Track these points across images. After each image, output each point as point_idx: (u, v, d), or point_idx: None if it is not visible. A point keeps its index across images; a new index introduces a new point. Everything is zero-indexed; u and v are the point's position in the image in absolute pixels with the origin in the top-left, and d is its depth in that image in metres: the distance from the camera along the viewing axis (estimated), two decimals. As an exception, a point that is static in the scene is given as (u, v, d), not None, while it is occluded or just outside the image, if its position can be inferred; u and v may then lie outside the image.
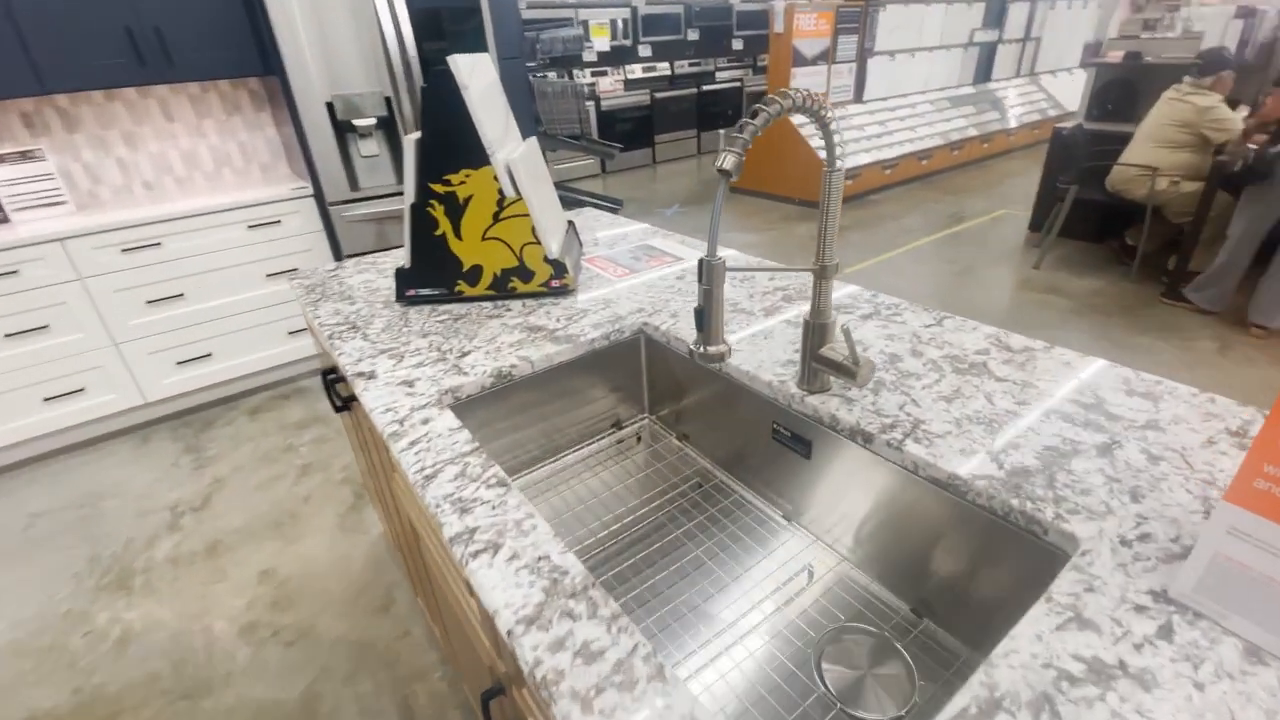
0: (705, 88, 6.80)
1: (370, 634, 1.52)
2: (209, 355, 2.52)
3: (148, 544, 1.87)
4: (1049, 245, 3.61)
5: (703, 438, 1.09)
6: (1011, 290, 3.32)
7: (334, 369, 1.16)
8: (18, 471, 2.25)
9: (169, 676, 1.45)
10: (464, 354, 0.99)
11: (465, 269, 1.13)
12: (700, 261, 0.61)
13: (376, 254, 1.51)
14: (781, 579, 0.86)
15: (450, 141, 1.04)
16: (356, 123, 2.43)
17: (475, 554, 0.60)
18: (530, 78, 3.47)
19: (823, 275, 0.75)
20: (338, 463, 2.15)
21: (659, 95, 6.44)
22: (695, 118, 6.86)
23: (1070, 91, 7.10)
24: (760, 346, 0.97)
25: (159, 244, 2.31)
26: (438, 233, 1.10)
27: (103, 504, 2.06)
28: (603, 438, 1.15)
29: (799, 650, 0.76)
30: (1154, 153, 3.07)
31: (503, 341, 1.02)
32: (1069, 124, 3.71)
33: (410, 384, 0.91)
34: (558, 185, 2.06)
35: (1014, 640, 0.49)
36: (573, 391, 1.07)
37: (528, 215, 1.09)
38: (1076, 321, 2.93)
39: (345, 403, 1.19)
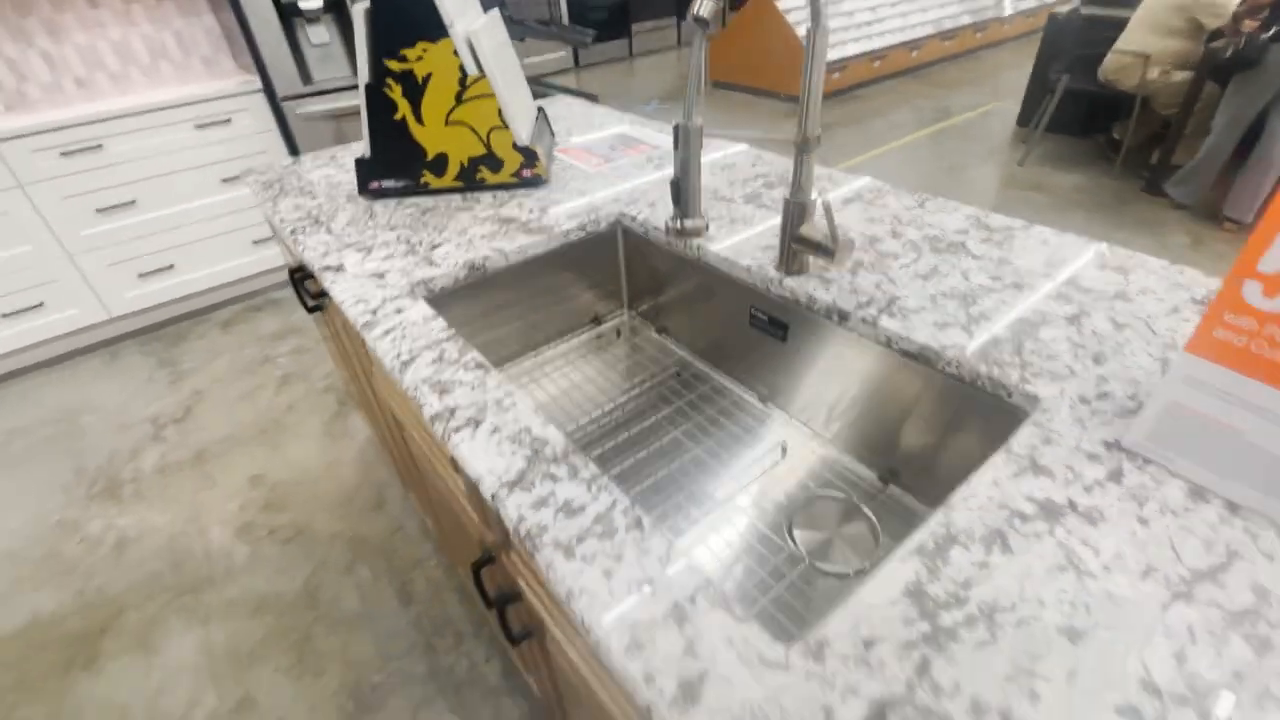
0: (684, -29, 6.30)
1: (364, 530, 1.57)
2: (171, 267, 2.43)
3: (132, 455, 1.88)
4: (1035, 141, 3.53)
5: (682, 330, 1.09)
6: (995, 187, 3.28)
7: (300, 267, 1.12)
8: (-13, 389, 2.21)
9: (169, 574, 1.51)
10: (434, 246, 0.96)
11: (430, 158, 1.08)
12: (675, 127, 0.58)
13: (334, 148, 1.43)
14: (757, 456, 0.89)
15: (404, 11, 0.96)
16: (302, 5, 2.22)
17: (456, 429, 0.61)
18: (492, -44, 3.16)
19: (804, 149, 0.72)
20: (318, 372, 2.14)
21: (634, -21, 5.97)
22: (675, 3, 6.39)
23: (1069, -26, 6.69)
24: (739, 232, 0.95)
25: (100, 146, 2.15)
26: (397, 117, 1.03)
27: (79, 419, 2.04)
28: (582, 333, 1.15)
29: (773, 518, 0.80)
30: (1147, 39, 2.95)
31: (474, 234, 0.99)
32: (1065, 8, 3.53)
33: (381, 276, 0.89)
34: (529, 81, 1.92)
35: (971, 486, 0.51)
36: (549, 287, 1.05)
37: (493, 96, 1.03)
38: (1054, 218, 2.92)
39: (316, 302, 1.16)
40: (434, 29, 0.97)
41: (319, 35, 2.32)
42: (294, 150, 2.46)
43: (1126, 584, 0.44)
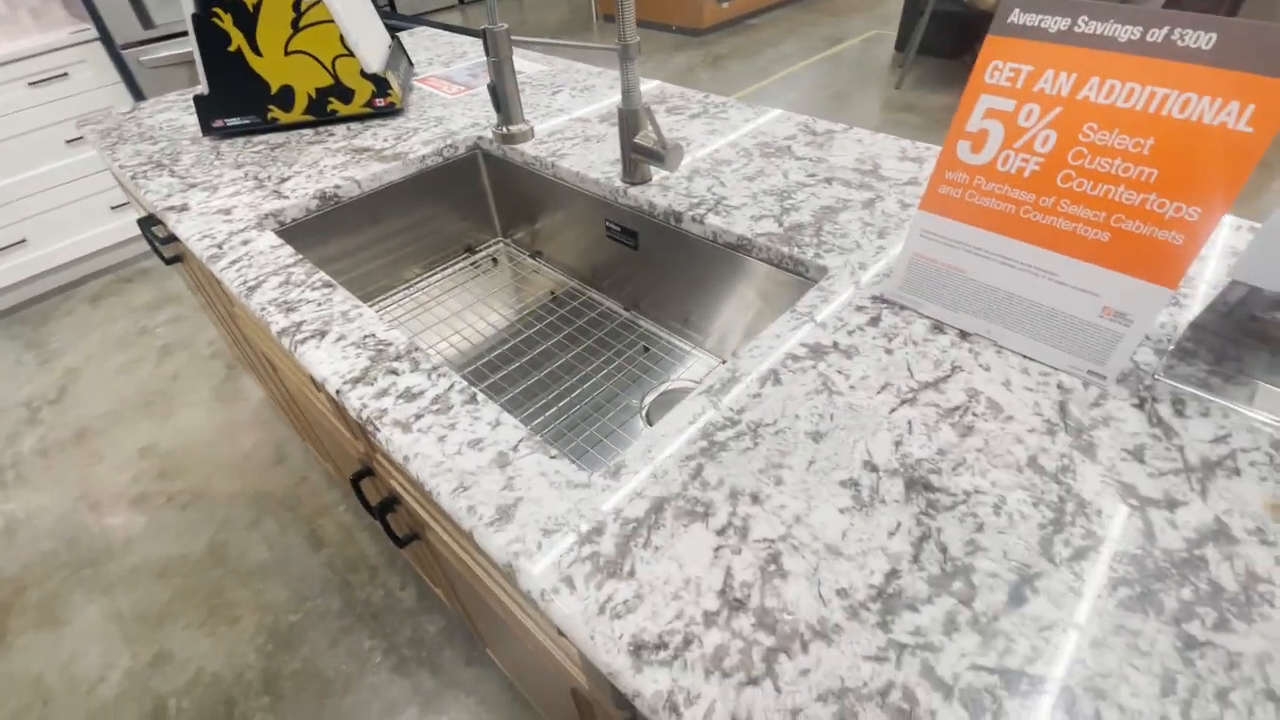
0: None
1: (267, 486, 1.57)
2: (23, 242, 2.22)
3: (9, 441, 1.77)
4: (910, 64, 3.69)
5: (554, 252, 1.14)
6: (873, 112, 3.43)
7: (150, 216, 1.08)
8: None
9: (65, 551, 1.46)
10: (283, 180, 0.95)
11: (274, 91, 1.05)
12: (483, 31, 0.61)
13: (180, 91, 1.35)
14: (621, 356, 0.96)
15: (220, -67, 0.92)
16: (129, -61, 2.01)
17: (303, 340, 0.64)
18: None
19: (625, 56, 0.77)
20: (201, 339, 2.05)
21: (514, -92, 5.63)
22: (560, -64, 6.10)
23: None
24: (592, 149, 0.99)
25: (-83, 110, 1.92)
26: (232, 49, 1.00)
27: (-62, 411, 1.89)
28: (456, 263, 1.18)
29: (632, 406, 0.88)
30: (1005, -43, 3.11)
31: (326, 165, 0.98)
32: (933, -71, 3.64)
33: (227, 212, 0.88)
34: (412, 19, 1.83)
35: (758, 339, 0.60)
36: (416, 218, 1.07)
37: (333, 22, 1.00)
38: (924, 136, 3.10)
39: (173, 252, 1.13)
40: (256, -48, 0.94)
41: (154, -28, 2.11)
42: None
43: (865, 397, 0.54)
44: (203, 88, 1.04)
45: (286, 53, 1.02)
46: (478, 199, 1.14)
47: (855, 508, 0.46)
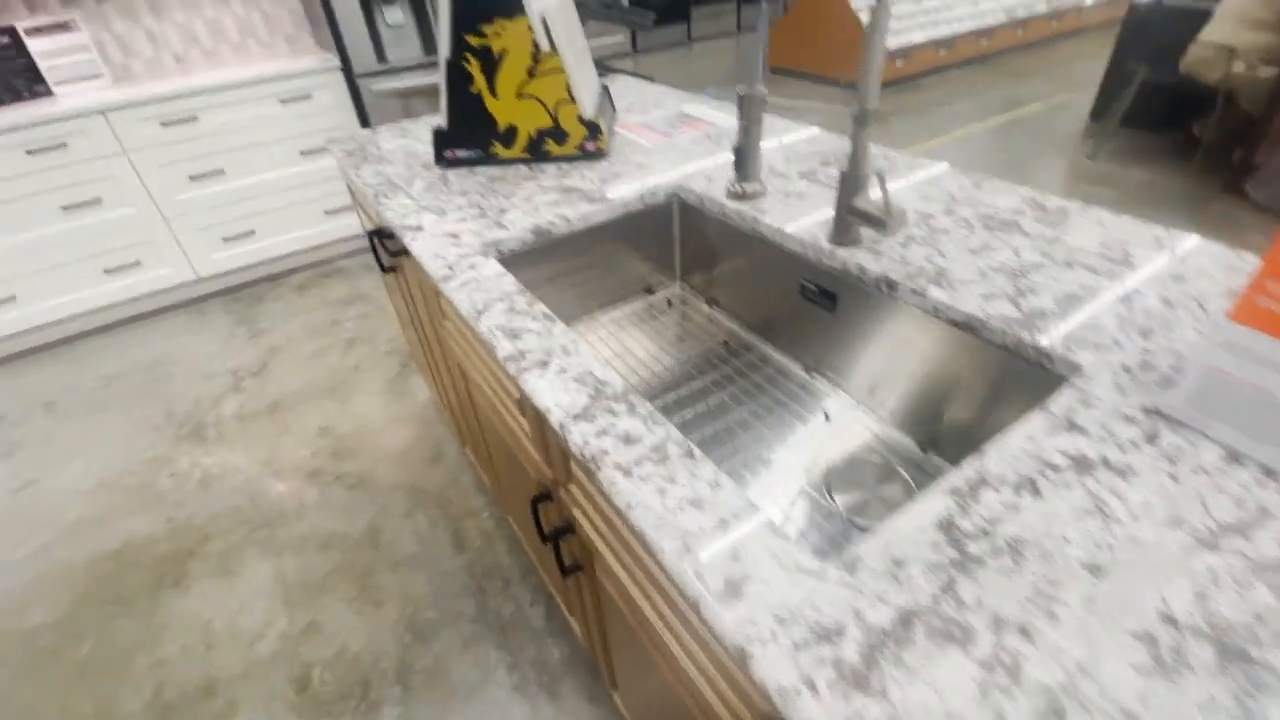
0: (747, -45, 6.22)
1: (423, 481, 1.68)
2: (252, 232, 2.60)
3: (215, 403, 2.04)
4: (1109, 133, 3.39)
5: (731, 302, 1.13)
6: (1060, 181, 3.17)
7: (379, 229, 1.21)
8: (87, 339, 2.42)
9: (248, 509, 1.64)
10: (503, 211, 1.02)
11: (501, 129, 1.14)
12: (739, 98, 0.62)
13: (404, 122, 1.51)
14: (801, 421, 0.93)
15: (486, -11, 1.02)
16: (381, -13, 2.33)
17: (526, 369, 0.67)
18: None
19: (861, 121, 0.75)
20: (381, 336, 2.27)
21: (697, -37, 5.92)
22: (736, -11, 6.33)
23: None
24: (794, 205, 0.98)
25: (195, 118, 2.32)
26: (473, 89, 1.10)
27: (169, 368, 2.22)
28: (635, 301, 1.20)
29: (813, 477, 0.84)
30: (1234, 31, 2.78)
31: (539, 201, 1.05)
32: (1150, -5, 3.36)
33: (455, 236, 0.96)
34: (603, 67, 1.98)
35: (1006, 439, 0.55)
36: (607, 256, 1.11)
37: (562, 71, 1.08)
38: (1119, 212, 2.80)
39: (392, 263, 1.25)
40: (511, 7, 1.03)
41: (395, 17, 2.43)
42: (365, 124, 2.58)
43: (1152, 531, 0.47)
44: (442, 122, 1.16)
45: (519, 96, 1.11)
46: (664, 243, 1.17)
47: (1154, 667, 0.39)
